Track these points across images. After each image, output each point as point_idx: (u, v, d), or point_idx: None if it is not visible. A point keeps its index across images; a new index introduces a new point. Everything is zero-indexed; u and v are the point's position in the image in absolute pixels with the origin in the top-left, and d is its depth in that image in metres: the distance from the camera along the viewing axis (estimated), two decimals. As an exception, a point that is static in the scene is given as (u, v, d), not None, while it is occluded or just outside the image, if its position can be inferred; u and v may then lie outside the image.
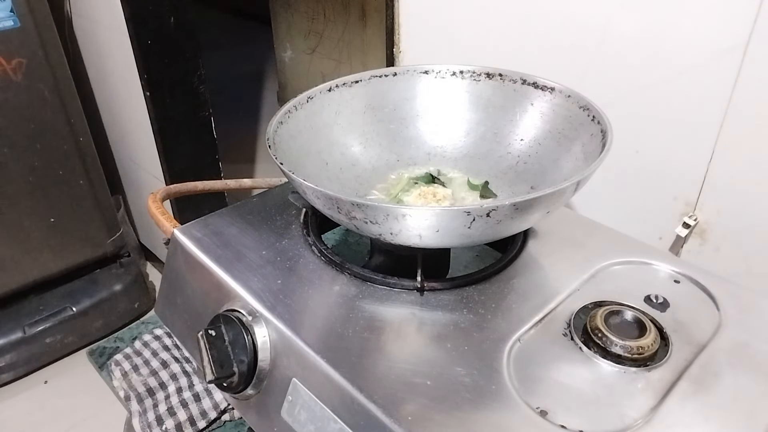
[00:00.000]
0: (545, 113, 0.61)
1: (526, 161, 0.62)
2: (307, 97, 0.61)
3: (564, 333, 0.48)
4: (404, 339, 0.48)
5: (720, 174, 0.61)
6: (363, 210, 0.45)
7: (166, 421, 0.64)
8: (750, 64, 0.55)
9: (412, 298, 0.51)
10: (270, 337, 0.49)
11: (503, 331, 0.47)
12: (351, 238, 0.69)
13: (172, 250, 0.62)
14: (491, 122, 0.65)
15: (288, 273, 0.55)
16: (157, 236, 1.70)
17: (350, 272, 0.54)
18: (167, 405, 0.66)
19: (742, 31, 0.55)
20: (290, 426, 0.47)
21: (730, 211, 0.62)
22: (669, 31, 0.60)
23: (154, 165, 1.52)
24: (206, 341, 0.50)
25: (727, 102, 0.58)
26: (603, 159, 0.48)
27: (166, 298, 0.63)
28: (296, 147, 0.58)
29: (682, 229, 0.65)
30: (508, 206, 0.43)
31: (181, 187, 0.73)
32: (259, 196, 0.68)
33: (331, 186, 0.61)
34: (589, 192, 0.54)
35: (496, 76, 0.64)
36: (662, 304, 0.51)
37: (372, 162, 0.66)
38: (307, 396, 0.45)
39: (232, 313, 0.51)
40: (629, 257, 0.56)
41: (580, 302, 0.50)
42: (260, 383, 0.50)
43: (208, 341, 0.50)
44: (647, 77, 0.63)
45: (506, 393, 0.42)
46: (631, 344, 0.45)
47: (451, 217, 0.43)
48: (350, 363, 0.44)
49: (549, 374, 0.44)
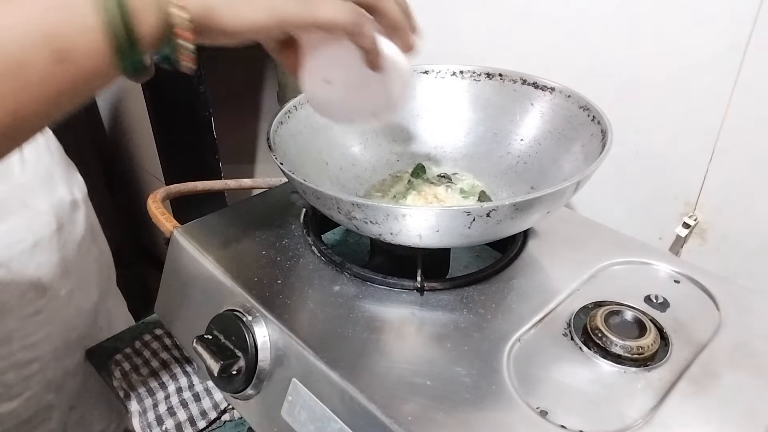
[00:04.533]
0: (545, 113, 0.61)
1: (526, 161, 0.62)
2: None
3: (564, 333, 0.48)
4: (404, 339, 0.48)
5: (720, 174, 0.61)
6: (363, 210, 0.45)
7: (166, 421, 0.64)
8: (750, 64, 0.55)
9: (412, 298, 0.51)
10: (270, 337, 0.49)
11: (503, 331, 0.47)
12: (351, 238, 0.69)
13: (171, 250, 0.62)
14: (491, 122, 0.65)
15: (288, 273, 0.55)
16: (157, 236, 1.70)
17: (350, 272, 0.54)
18: (167, 405, 0.66)
19: (742, 31, 0.55)
20: (290, 426, 0.47)
21: (730, 211, 0.62)
22: (669, 31, 0.60)
23: (154, 165, 1.52)
24: (204, 344, 0.50)
25: (727, 102, 0.58)
26: (603, 159, 0.48)
27: (166, 298, 0.63)
28: (296, 147, 0.58)
29: (682, 229, 0.65)
30: (508, 206, 0.43)
31: (181, 187, 0.73)
32: (259, 196, 0.68)
33: (331, 186, 0.61)
34: (589, 192, 0.54)
35: (496, 76, 0.64)
36: (662, 304, 0.51)
37: (372, 162, 0.66)
38: (307, 396, 0.45)
39: (232, 312, 0.51)
40: (629, 257, 0.56)
41: (580, 302, 0.50)
42: (260, 383, 0.50)
43: (205, 343, 0.50)
44: (647, 77, 0.63)
45: (506, 393, 0.42)
46: (631, 344, 0.45)
47: (451, 217, 0.43)
48: (350, 363, 0.44)
49: (549, 374, 0.44)
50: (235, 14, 0.37)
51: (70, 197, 0.78)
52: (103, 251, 0.89)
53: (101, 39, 0.33)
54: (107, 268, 0.91)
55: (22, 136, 0.35)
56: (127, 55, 0.34)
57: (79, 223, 0.80)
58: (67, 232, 0.77)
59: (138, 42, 0.34)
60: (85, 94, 0.36)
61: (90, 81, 0.35)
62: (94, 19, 0.33)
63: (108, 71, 0.35)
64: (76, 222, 0.80)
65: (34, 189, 0.73)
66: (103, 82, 0.36)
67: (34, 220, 0.72)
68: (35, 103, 0.33)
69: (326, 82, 0.46)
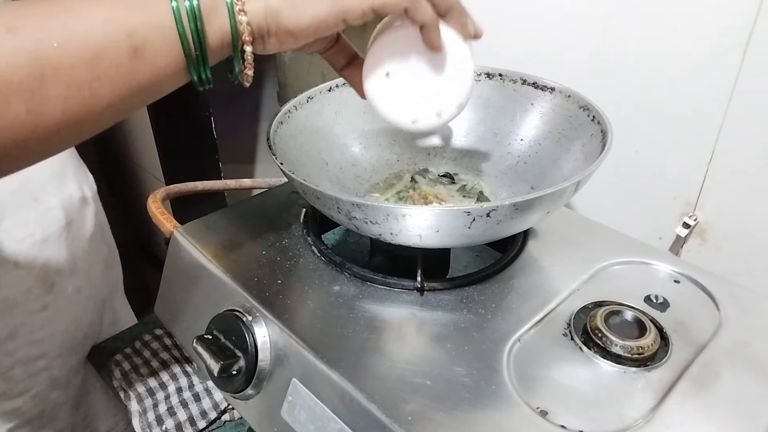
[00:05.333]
0: (545, 113, 0.61)
1: (526, 161, 0.62)
2: (307, 97, 0.61)
3: (564, 333, 0.48)
4: (404, 339, 0.48)
5: (720, 174, 0.61)
6: (363, 210, 0.45)
7: (166, 421, 0.64)
8: (750, 64, 0.55)
9: (412, 298, 0.51)
10: (270, 337, 0.49)
11: (503, 331, 0.47)
12: (351, 238, 0.69)
13: (171, 250, 0.62)
14: (491, 122, 0.65)
15: (288, 273, 0.55)
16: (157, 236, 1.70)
17: (350, 272, 0.54)
18: (167, 405, 0.66)
19: (742, 31, 0.55)
20: (290, 426, 0.47)
21: (730, 211, 0.62)
22: (669, 31, 0.60)
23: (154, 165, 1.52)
24: (204, 344, 0.50)
25: (727, 102, 0.58)
26: (603, 159, 0.48)
27: (166, 298, 0.63)
28: (296, 147, 0.58)
29: (682, 229, 0.65)
30: (508, 206, 0.43)
31: (181, 187, 0.73)
32: (259, 196, 0.68)
33: (331, 186, 0.61)
34: (589, 192, 0.54)
35: (496, 76, 0.64)
36: (662, 304, 0.51)
37: (372, 162, 0.66)
38: (307, 396, 0.45)
39: (232, 313, 0.51)
40: (629, 257, 0.56)
41: (580, 302, 0.50)
42: (260, 383, 0.50)
43: (205, 343, 0.50)
44: (647, 77, 0.63)
45: (506, 393, 0.42)
46: (631, 344, 0.45)
47: (451, 217, 0.43)
48: (350, 363, 0.44)
49: (549, 374, 0.44)
50: (299, 13, 0.37)
51: (80, 194, 0.78)
52: (111, 250, 0.89)
53: (175, 40, 0.35)
54: (115, 267, 0.91)
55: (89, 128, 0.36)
56: (197, 58, 0.36)
57: (88, 220, 0.80)
58: (76, 229, 0.77)
59: (208, 46, 0.36)
60: (155, 93, 0.37)
61: (161, 81, 0.36)
62: (170, 19, 0.34)
63: (178, 73, 0.36)
64: (85, 219, 0.79)
65: (45, 184, 0.72)
66: (173, 84, 0.37)
67: (44, 215, 0.71)
68: (109, 95, 0.34)
69: (387, 76, 0.45)
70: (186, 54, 0.35)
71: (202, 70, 0.37)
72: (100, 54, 0.33)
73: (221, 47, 0.37)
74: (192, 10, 0.34)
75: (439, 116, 0.46)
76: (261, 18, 0.37)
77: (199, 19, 0.35)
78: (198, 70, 0.37)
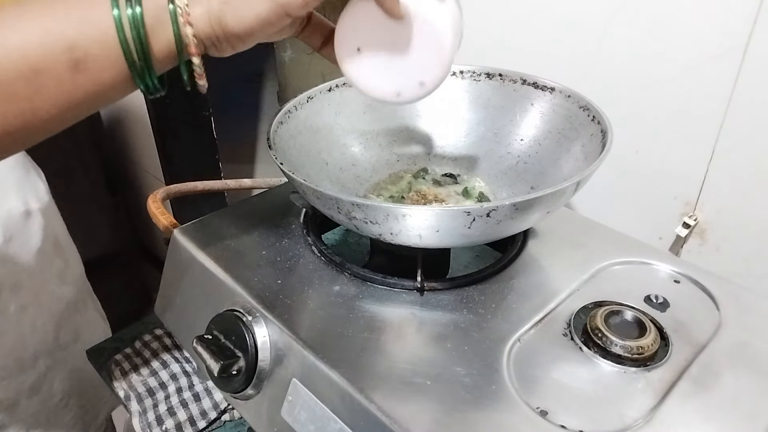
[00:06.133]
0: (545, 113, 0.61)
1: (526, 161, 0.62)
2: (307, 97, 0.61)
3: (564, 333, 0.48)
4: (404, 339, 0.48)
5: (720, 174, 0.61)
6: (363, 210, 0.45)
7: (166, 421, 0.64)
8: (750, 64, 0.55)
9: (412, 298, 0.51)
10: (270, 337, 0.49)
11: (503, 331, 0.47)
12: (351, 238, 0.69)
13: (171, 250, 0.62)
14: (491, 122, 0.65)
15: (288, 273, 0.55)
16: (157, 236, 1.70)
17: (350, 272, 0.54)
18: (167, 405, 0.66)
19: (742, 31, 0.55)
20: (290, 426, 0.47)
21: (730, 211, 0.62)
22: (669, 31, 0.60)
23: (154, 165, 1.52)
24: (204, 344, 0.50)
25: (727, 102, 0.58)
26: (603, 159, 0.48)
27: (166, 298, 0.63)
28: (296, 147, 0.58)
29: (682, 229, 0.65)
30: (508, 206, 0.43)
31: (181, 187, 0.73)
32: (259, 196, 0.68)
33: (331, 186, 0.61)
34: (589, 192, 0.54)
35: (496, 76, 0.64)
36: (662, 304, 0.51)
37: (372, 162, 0.66)
38: (307, 396, 0.45)
39: (232, 313, 0.51)
40: (629, 257, 0.56)
41: (580, 302, 0.50)
42: (260, 383, 0.50)
43: (205, 343, 0.50)
44: (647, 77, 0.63)
45: (506, 393, 0.42)
46: (631, 344, 0.45)
47: (451, 217, 0.43)
48: (350, 363, 0.44)
49: (549, 374, 0.44)
50: (240, 16, 0.37)
51: (23, 207, 0.74)
52: (68, 263, 0.84)
53: (118, 51, 0.34)
54: (74, 282, 0.85)
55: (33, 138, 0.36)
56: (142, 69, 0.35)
57: (33, 234, 0.75)
58: (18, 245, 0.72)
59: (152, 58, 0.35)
60: (101, 103, 0.37)
61: (106, 92, 0.35)
62: (113, 33, 0.34)
63: (124, 83, 0.36)
64: (29, 234, 0.75)
65: None
66: (120, 94, 0.37)
67: None
68: (50, 108, 0.34)
69: (358, 51, 0.44)
70: (130, 65, 0.35)
71: (148, 80, 0.36)
72: (39, 68, 0.32)
73: (168, 58, 0.37)
74: (134, 22, 0.34)
75: (423, 85, 0.45)
76: (207, 26, 0.37)
77: (142, 30, 0.34)
78: (144, 80, 0.36)
